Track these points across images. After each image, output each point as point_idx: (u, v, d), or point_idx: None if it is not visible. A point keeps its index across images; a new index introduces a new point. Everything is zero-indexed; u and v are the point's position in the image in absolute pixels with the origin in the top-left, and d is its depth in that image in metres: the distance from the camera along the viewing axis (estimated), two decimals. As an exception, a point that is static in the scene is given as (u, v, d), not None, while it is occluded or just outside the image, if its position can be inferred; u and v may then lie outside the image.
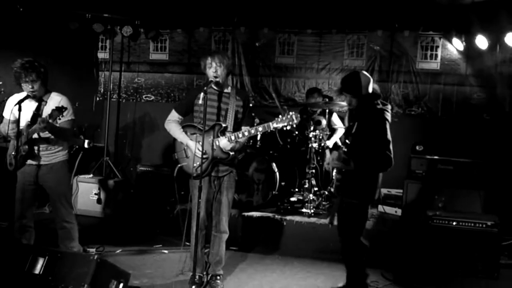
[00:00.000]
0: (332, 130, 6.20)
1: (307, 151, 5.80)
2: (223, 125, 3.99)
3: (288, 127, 3.79)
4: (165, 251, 5.10)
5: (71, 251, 3.63)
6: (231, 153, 4.00)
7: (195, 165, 3.92)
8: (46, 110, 4.14)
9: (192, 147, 4.00)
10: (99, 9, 7.04)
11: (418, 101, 6.68)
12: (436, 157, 5.53)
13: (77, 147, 6.69)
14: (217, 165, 4.05)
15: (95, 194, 6.30)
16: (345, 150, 3.78)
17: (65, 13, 7.03)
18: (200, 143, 3.93)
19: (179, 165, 4.14)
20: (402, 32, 6.63)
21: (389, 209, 5.92)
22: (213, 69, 3.98)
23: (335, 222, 4.04)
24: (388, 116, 3.74)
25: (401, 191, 5.66)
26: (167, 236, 5.47)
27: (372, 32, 6.76)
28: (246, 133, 3.91)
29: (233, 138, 3.92)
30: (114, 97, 7.75)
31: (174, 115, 4.22)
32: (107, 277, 3.57)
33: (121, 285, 3.68)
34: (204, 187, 3.99)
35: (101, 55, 7.92)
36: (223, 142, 3.94)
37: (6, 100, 4.46)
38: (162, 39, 7.62)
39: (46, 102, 4.26)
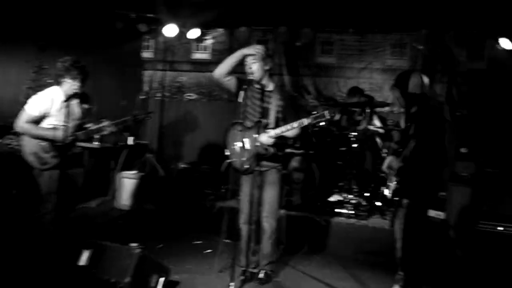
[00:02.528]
0: (373, 131, 6.12)
1: (347, 152, 5.76)
2: (264, 121, 4.06)
3: (322, 123, 3.82)
4: (206, 247, 5.17)
5: (115, 245, 3.74)
6: (270, 149, 4.06)
7: (239, 161, 4.08)
8: (84, 110, 4.48)
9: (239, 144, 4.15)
10: (143, 9, 7.22)
11: (463, 103, 6.49)
12: (481, 159, 5.37)
13: (122, 143, 6.89)
14: (260, 160, 4.12)
15: (138, 190, 6.46)
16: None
17: (111, 13, 7.25)
18: (245, 139, 4.02)
19: (227, 161, 4.25)
20: (448, 32, 6.46)
21: (433, 213, 5.79)
22: (248, 65, 4.05)
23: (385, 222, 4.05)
24: (447, 114, 3.76)
25: (445, 194, 5.53)
26: (208, 232, 5.55)
27: (415, 32, 6.62)
28: (283, 129, 3.96)
29: (272, 134, 3.99)
30: (157, 95, 7.92)
31: None
32: (149, 271, 3.67)
33: (162, 279, 3.77)
34: (248, 182, 4.12)
35: (145, 54, 8.10)
36: (263, 138, 4.01)
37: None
38: (204, 38, 7.72)
39: (82, 101, 4.52)
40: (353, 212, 5.46)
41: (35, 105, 4.29)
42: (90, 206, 6.38)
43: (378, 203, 5.59)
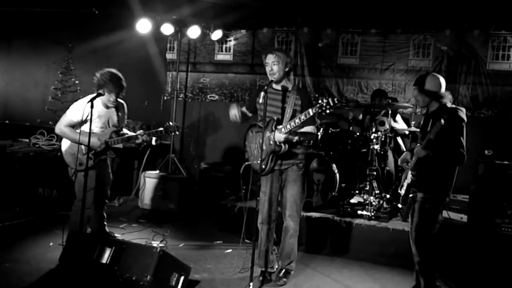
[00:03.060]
0: (396, 132, 6.08)
1: (368, 153, 5.73)
2: (275, 118, 4.10)
3: (327, 111, 3.80)
4: (225, 247, 5.22)
5: (136, 243, 3.82)
6: (284, 146, 4.05)
7: (255, 162, 4.14)
8: (121, 113, 4.75)
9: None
10: (168, 11, 7.32)
11: (488, 103, 6.36)
12: (506, 162, 5.27)
13: (145, 144, 6.99)
14: (278, 159, 4.15)
15: (161, 189, 6.56)
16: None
17: (135, 15, 7.36)
18: (261, 139, 4.07)
19: (246, 163, 4.33)
20: (472, 32, 6.33)
21: (454, 215, 5.71)
22: (269, 67, 4.11)
23: (409, 220, 4.06)
24: (463, 115, 3.81)
25: (467, 197, 5.45)
26: (228, 232, 5.60)
27: (439, 32, 6.51)
28: (292, 123, 3.96)
29: (283, 129, 3.99)
30: (180, 96, 8.02)
31: None
32: (169, 270, 3.73)
33: (182, 278, 3.83)
34: (268, 182, 4.18)
35: (169, 55, 8.20)
36: (276, 135, 4.03)
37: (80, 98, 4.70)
38: (227, 40, 7.78)
39: (118, 109, 4.76)
40: (374, 214, 5.43)
41: (75, 111, 4.51)
42: (114, 205, 6.52)
43: (399, 205, 5.54)
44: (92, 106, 4.17)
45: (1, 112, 8.26)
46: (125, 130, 4.91)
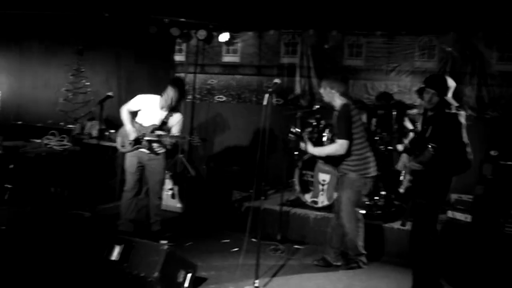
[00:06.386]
0: (403, 134, 6.12)
1: (374, 154, 5.77)
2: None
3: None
4: (232, 246, 5.30)
5: (144, 241, 3.92)
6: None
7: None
8: (171, 122, 5.17)
9: None
10: (176, 14, 7.44)
11: (494, 104, 6.38)
12: (511, 162, 5.30)
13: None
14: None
15: (170, 189, 6.66)
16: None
17: (145, 18, 7.50)
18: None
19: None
20: (476, 33, 6.37)
21: (459, 215, 5.75)
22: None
23: (408, 225, 4.10)
24: (463, 119, 3.81)
25: (472, 197, 5.49)
26: (235, 231, 5.69)
27: (444, 34, 6.55)
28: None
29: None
30: (189, 97, 8.13)
31: None
32: (176, 267, 3.82)
33: (189, 275, 3.91)
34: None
35: (177, 57, 8.31)
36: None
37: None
38: (234, 42, 7.87)
39: (172, 115, 5.18)
40: (379, 213, 5.49)
41: (135, 101, 5.19)
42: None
43: (405, 206, 5.60)
44: (146, 103, 5.01)
45: (13, 113, 8.40)
46: (159, 132, 5.16)
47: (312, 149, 4.78)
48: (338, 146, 4.58)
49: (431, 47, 6.65)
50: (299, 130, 5.08)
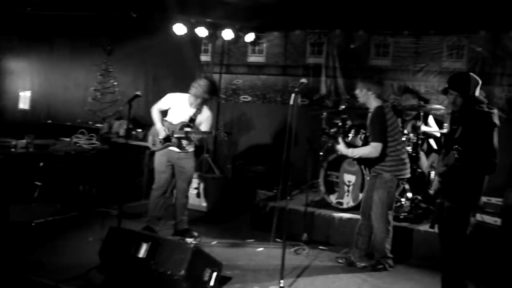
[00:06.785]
0: (428, 134, 6.04)
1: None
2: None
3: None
4: (257, 246, 5.31)
5: (171, 239, 3.95)
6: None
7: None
8: (200, 118, 5.25)
9: None
10: (202, 14, 7.50)
11: (525, 105, 6.25)
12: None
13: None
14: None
15: (195, 188, 6.72)
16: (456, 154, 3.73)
17: (172, 19, 7.57)
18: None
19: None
20: (508, 33, 6.22)
21: (488, 218, 5.64)
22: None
23: (436, 227, 4.03)
24: (496, 119, 3.68)
25: (501, 200, 5.38)
26: (259, 231, 5.71)
27: (474, 33, 6.44)
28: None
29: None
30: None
31: None
32: (202, 265, 3.83)
33: (215, 273, 3.92)
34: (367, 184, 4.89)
35: (203, 57, 8.37)
36: None
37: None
38: (259, 42, 7.88)
39: (200, 112, 5.27)
40: (405, 215, 5.42)
41: (165, 100, 5.32)
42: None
43: (431, 207, 5.52)
44: (176, 101, 5.19)
45: (44, 113, 8.62)
46: (188, 129, 5.23)
47: (346, 150, 4.76)
48: (372, 149, 4.57)
49: (460, 46, 6.53)
50: (333, 130, 5.07)
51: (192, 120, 5.24)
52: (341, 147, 4.81)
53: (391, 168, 4.63)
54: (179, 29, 7.56)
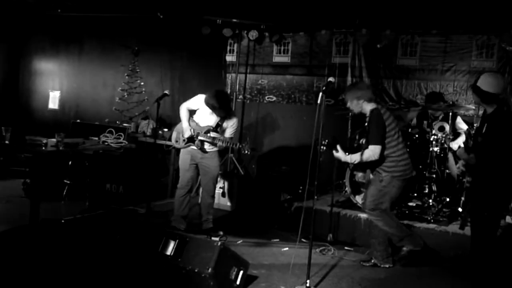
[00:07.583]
0: (456, 134, 5.96)
1: (427, 155, 5.65)
2: None
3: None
4: (282, 246, 5.32)
5: (198, 237, 3.99)
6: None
7: None
8: (226, 124, 5.28)
9: None
10: (228, 15, 7.54)
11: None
12: None
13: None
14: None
15: (220, 188, 6.76)
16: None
17: (198, 19, 7.65)
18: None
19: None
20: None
21: (517, 221, 5.53)
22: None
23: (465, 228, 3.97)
24: None
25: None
26: (285, 231, 5.71)
27: (504, 32, 6.30)
28: None
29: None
30: (239, 97, 8.21)
31: None
32: (229, 264, 3.86)
33: (241, 272, 3.94)
34: None
35: (228, 58, 8.42)
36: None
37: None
38: (285, 42, 7.88)
39: (228, 118, 5.30)
40: (433, 217, 5.36)
41: (195, 100, 5.33)
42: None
43: (460, 209, 5.44)
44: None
45: (73, 112, 8.77)
46: (213, 134, 5.27)
47: (345, 157, 4.67)
48: (371, 152, 4.48)
49: (490, 45, 6.41)
50: (331, 140, 4.96)
51: (218, 125, 5.28)
52: (340, 155, 4.68)
53: (390, 169, 4.55)
54: (205, 29, 7.62)
